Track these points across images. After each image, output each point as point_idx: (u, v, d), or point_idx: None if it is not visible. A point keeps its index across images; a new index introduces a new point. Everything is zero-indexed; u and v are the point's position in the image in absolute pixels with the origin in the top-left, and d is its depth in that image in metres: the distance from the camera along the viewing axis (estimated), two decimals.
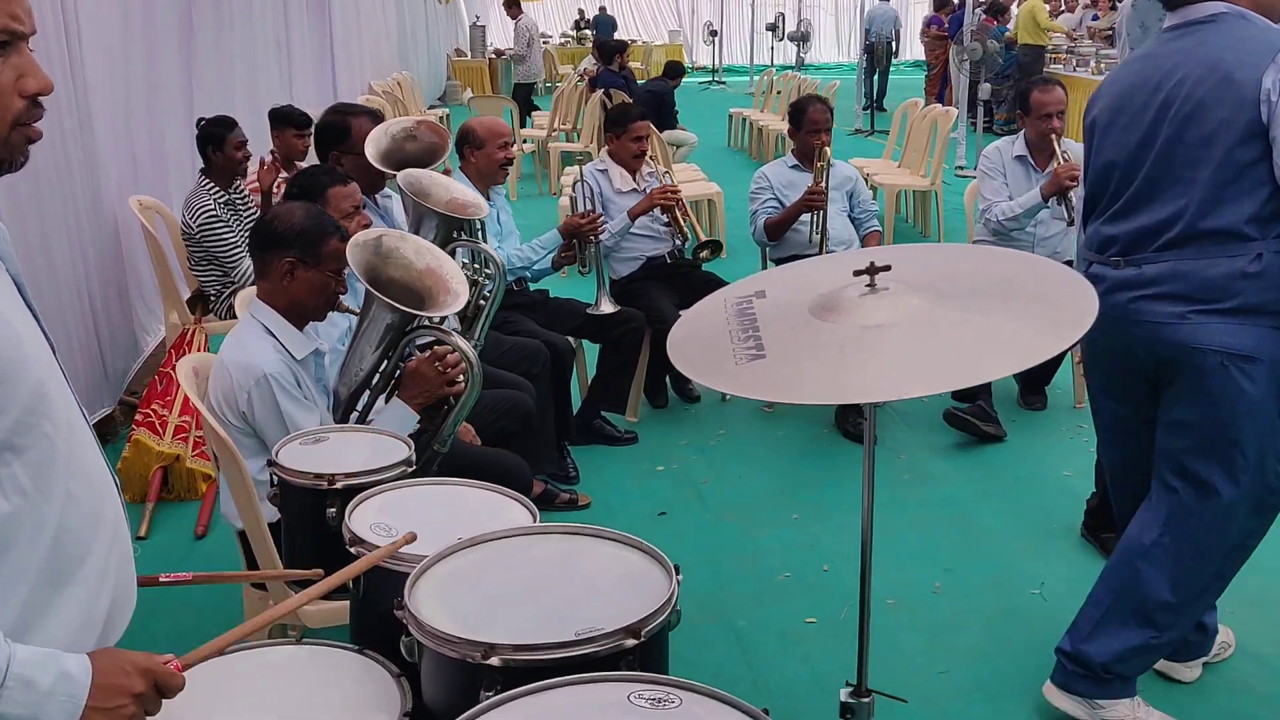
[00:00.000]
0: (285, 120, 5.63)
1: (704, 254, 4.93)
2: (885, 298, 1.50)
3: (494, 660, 1.45)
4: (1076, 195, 4.62)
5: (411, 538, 1.73)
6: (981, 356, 1.42)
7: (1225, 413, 2.51)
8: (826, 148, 4.95)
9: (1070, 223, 4.64)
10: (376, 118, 4.06)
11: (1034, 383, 5.06)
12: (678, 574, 1.63)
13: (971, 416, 4.62)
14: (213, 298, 5.04)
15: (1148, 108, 2.56)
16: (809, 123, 5.02)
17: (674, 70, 11.65)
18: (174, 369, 4.59)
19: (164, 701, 1.37)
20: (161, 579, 1.71)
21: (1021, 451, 4.60)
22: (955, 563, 3.69)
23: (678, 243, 5.02)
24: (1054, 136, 4.62)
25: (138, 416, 4.37)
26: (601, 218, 4.66)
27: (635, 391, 4.88)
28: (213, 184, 4.98)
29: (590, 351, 4.91)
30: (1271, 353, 2.46)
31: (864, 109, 14.93)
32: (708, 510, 4.15)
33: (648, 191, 4.88)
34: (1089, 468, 3.88)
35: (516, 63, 15.02)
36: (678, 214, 4.89)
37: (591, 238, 4.60)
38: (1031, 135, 4.74)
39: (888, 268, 1.53)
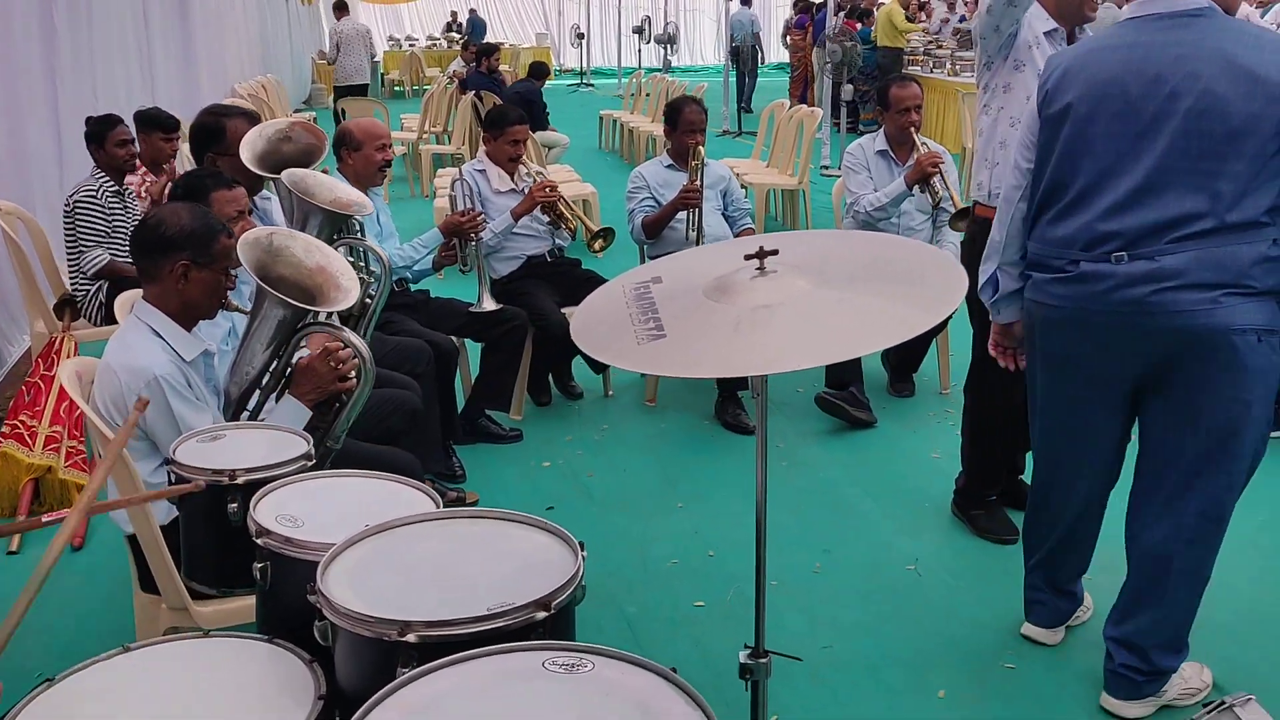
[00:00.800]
0: (152, 123, 5.52)
1: (598, 244, 5.02)
2: (773, 280, 1.61)
3: (410, 637, 1.50)
4: (950, 182, 4.88)
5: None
6: (862, 331, 1.54)
7: (1257, 388, 2.59)
8: (700, 147, 5.09)
9: (936, 205, 4.86)
10: (252, 119, 4.04)
11: (903, 370, 5.28)
12: (583, 550, 1.70)
13: (843, 402, 4.81)
14: (80, 301, 4.93)
15: (1148, 98, 2.53)
16: (685, 123, 5.14)
17: (539, 71, 11.71)
18: (42, 379, 4.47)
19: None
20: (45, 519, 1.71)
21: (892, 437, 4.81)
22: (833, 544, 3.85)
23: (558, 242, 5.10)
24: (913, 129, 4.88)
25: (4, 429, 4.24)
26: (482, 215, 4.71)
27: (519, 389, 4.93)
28: (105, 175, 4.97)
29: (473, 351, 4.94)
30: None
31: (736, 110, 15.20)
32: (594, 503, 4.23)
33: (526, 191, 4.94)
34: (956, 450, 4.08)
35: (331, 63, 14.91)
36: (561, 209, 4.97)
37: (472, 236, 4.65)
38: (891, 130, 4.98)
39: (776, 252, 1.64)
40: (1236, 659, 3.11)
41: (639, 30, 20.22)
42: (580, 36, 22.98)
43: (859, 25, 14.35)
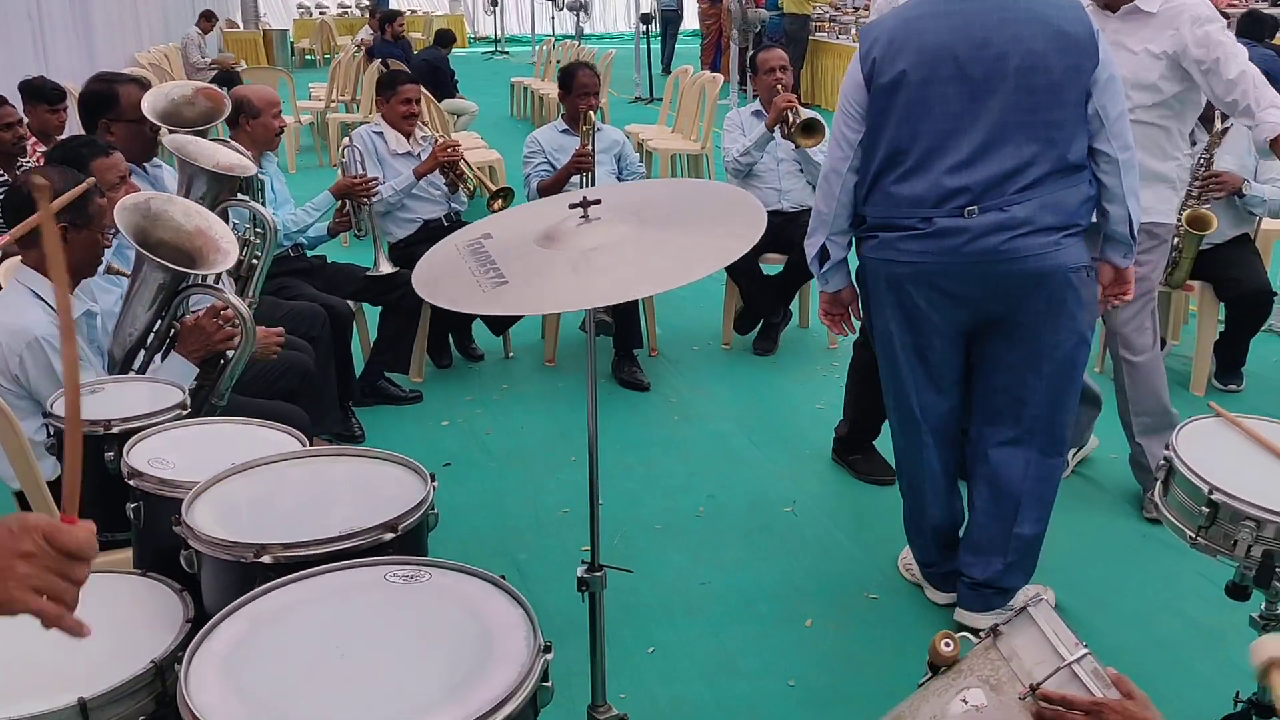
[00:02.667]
0: (37, 95, 5.45)
1: (497, 203, 5.12)
2: (598, 226, 1.77)
3: (265, 559, 1.64)
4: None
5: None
6: (686, 263, 1.71)
7: (1089, 318, 2.90)
8: (592, 112, 5.22)
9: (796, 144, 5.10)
10: (143, 85, 4.07)
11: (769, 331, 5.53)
12: (433, 480, 1.84)
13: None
14: None
15: (978, 61, 2.71)
16: (578, 86, 5.26)
17: (444, 38, 11.67)
18: None
19: None
20: None
21: (780, 389, 5.01)
22: (718, 489, 4.04)
23: (455, 205, 5.20)
24: (780, 88, 5.18)
25: None
26: (375, 180, 4.79)
27: (418, 352, 5.03)
28: None
29: (372, 315, 5.03)
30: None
31: (648, 76, 15.27)
32: (491, 459, 4.37)
33: (421, 156, 5.03)
34: (839, 401, 4.28)
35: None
36: (463, 169, 5.07)
37: (365, 200, 4.73)
38: (760, 91, 5.35)
39: (598, 201, 1.78)
40: (1077, 580, 3.36)
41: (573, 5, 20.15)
42: (494, 4, 22.82)
43: None
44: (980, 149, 2.75)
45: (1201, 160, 4.43)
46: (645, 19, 15.64)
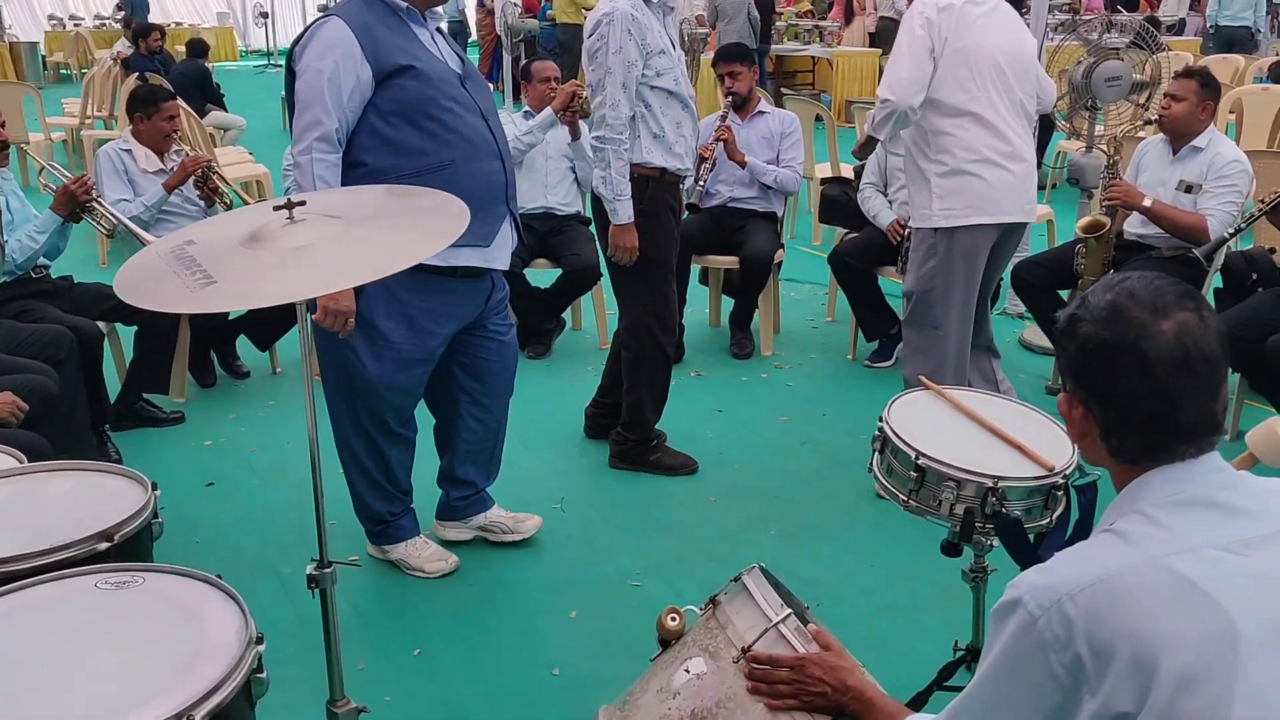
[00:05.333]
0: None
1: None
2: (304, 226, 1.80)
3: None
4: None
5: None
6: (392, 254, 1.77)
7: None
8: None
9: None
10: None
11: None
12: (154, 489, 1.83)
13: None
14: None
15: None
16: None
17: (197, 47, 11.26)
18: None
19: None
20: None
21: (552, 391, 5.11)
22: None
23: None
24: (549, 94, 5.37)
25: None
26: (84, 176, 4.52)
27: (179, 371, 4.88)
28: None
29: (127, 335, 4.85)
30: None
31: None
32: (257, 476, 4.29)
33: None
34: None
35: None
36: (216, 182, 4.96)
37: (88, 199, 4.44)
38: (531, 100, 5.54)
39: (303, 203, 1.82)
40: (841, 597, 3.57)
41: (324, 9, 19.76)
42: (264, 15, 22.18)
43: (540, 2, 14.67)
44: None
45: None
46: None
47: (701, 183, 5.36)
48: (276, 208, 1.80)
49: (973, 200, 3.85)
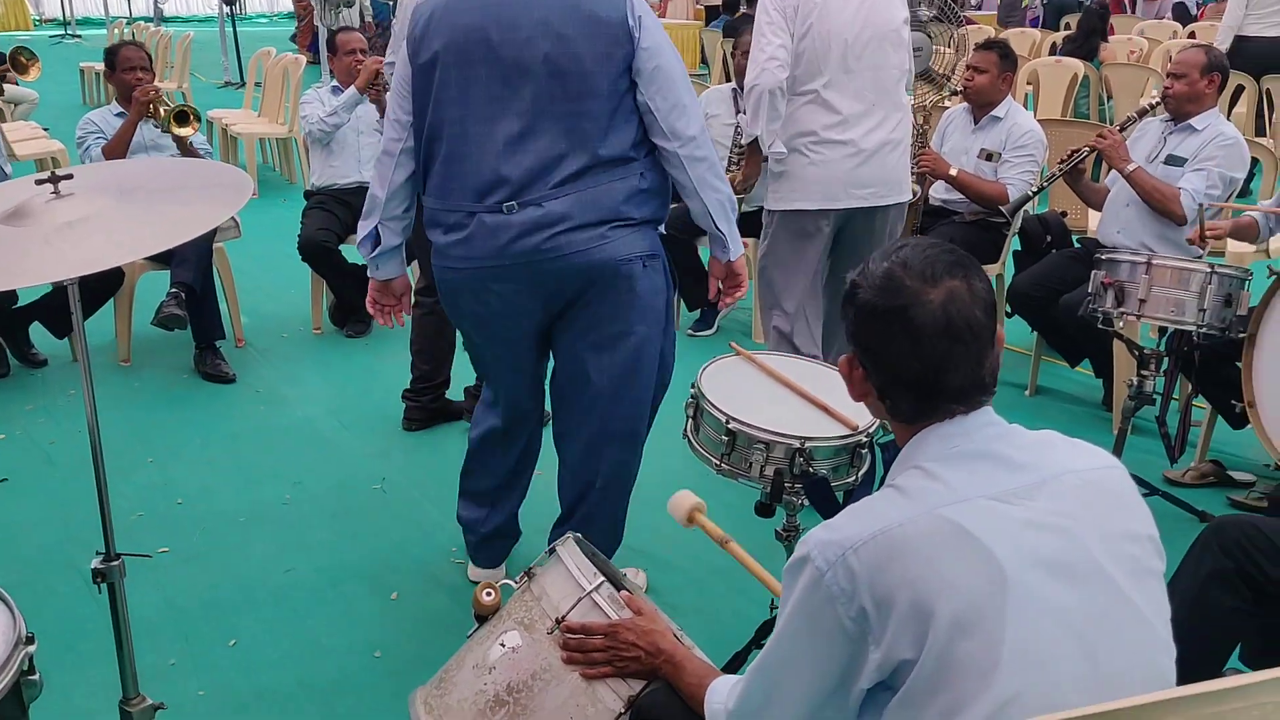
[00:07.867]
0: None
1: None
2: (73, 201, 1.70)
3: None
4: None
5: None
6: (169, 228, 1.70)
7: (650, 310, 2.81)
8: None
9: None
10: None
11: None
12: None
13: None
14: None
15: (509, 45, 2.57)
16: (122, 61, 5.06)
17: None
18: None
19: None
20: None
21: (372, 370, 5.01)
22: (305, 475, 3.98)
23: None
24: (359, 69, 5.23)
25: None
26: None
27: None
28: None
29: None
30: (661, 249, 2.84)
31: (236, 60, 14.56)
32: (56, 469, 4.07)
33: None
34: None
35: None
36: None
37: None
38: (338, 72, 5.35)
39: (70, 176, 1.72)
40: (672, 563, 3.56)
41: None
42: None
43: None
44: (517, 139, 2.61)
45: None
46: (227, 1, 14.90)
47: None
48: (39, 181, 1.69)
49: (798, 185, 3.78)
